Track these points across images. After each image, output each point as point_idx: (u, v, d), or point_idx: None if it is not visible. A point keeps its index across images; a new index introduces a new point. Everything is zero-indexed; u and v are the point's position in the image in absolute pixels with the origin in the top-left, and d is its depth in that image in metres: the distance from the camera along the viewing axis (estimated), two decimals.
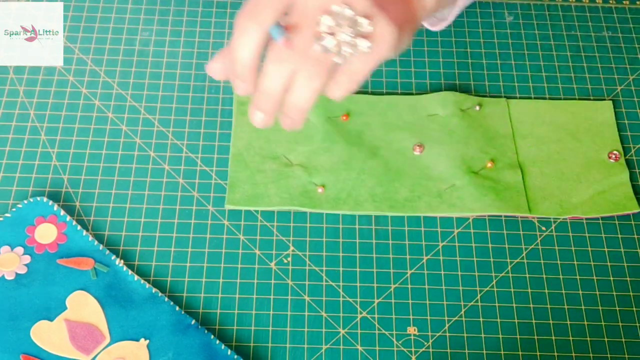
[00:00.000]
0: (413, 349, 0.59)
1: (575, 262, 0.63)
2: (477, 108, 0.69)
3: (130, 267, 0.61)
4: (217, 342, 0.57)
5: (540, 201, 0.65)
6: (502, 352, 0.59)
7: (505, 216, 0.64)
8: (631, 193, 0.65)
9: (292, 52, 0.52)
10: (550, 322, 0.60)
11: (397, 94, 0.71)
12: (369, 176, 0.65)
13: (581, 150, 0.68)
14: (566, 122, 0.69)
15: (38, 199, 0.62)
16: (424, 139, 0.67)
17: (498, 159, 0.67)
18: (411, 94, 0.71)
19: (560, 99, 0.72)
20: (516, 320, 0.60)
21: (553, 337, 0.59)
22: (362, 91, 0.71)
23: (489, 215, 0.64)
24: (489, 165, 0.66)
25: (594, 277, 0.62)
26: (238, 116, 0.68)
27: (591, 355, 0.59)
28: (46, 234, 0.61)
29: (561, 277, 0.62)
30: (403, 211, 0.64)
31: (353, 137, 0.68)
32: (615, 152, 0.67)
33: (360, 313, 0.60)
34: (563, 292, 0.61)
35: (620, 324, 0.60)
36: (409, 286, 0.61)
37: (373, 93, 0.72)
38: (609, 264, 0.63)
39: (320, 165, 0.66)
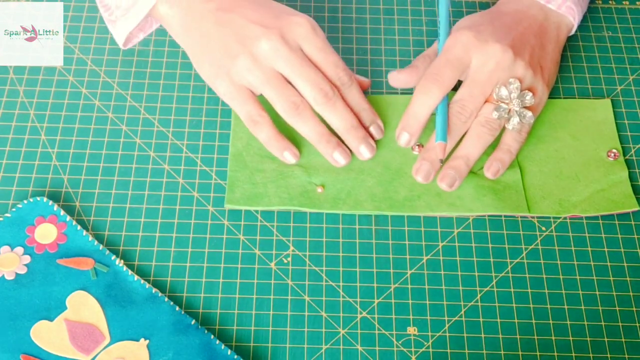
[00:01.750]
0: (413, 349, 0.59)
1: (575, 262, 0.63)
2: None
3: (130, 267, 0.61)
4: (217, 342, 0.57)
5: (539, 200, 0.65)
6: (502, 352, 0.59)
7: (505, 216, 0.64)
8: (630, 191, 0.65)
9: (469, 116, 0.62)
10: (550, 322, 0.60)
11: (397, 94, 0.71)
12: (368, 176, 0.65)
13: (580, 149, 0.68)
14: (565, 121, 0.69)
15: (38, 199, 0.62)
16: (423, 139, 0.67)
17: None
18: (411, 94, 0.71)
19: (560, 99, 0.72)
20: (516, 320, 0.60)
21: (553, 337, 0.59)
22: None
23: (488, 215, 0.64)
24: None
25: (594, 277, 0.62)
26: (237, 116, 0.68)
27: (591, 355, 0.59)
28: (46, 234, 0.61)
29: (561, 277, 0.62)
30: (402, 210, 0.64)
31: None
32: (614, 150, 0.67)
33: (360, 313, 0.60)
34: (563, 292, 0.61)
35: (620, 324, 0.60)
36: (409, 286, 0.61)
37: (372, 93, 0.72)
38: (609, 264, 0.63)
39: (320, 165, 0.66)
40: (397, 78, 0.68)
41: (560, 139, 0.68)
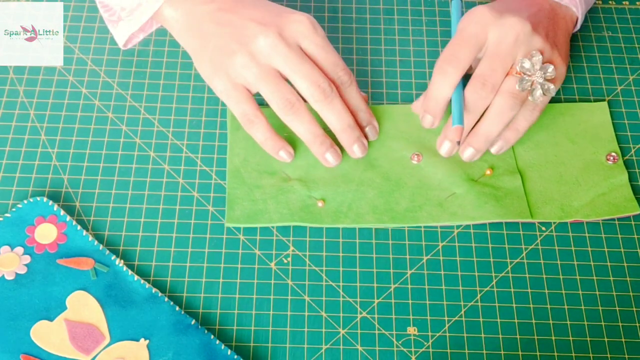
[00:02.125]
0: (413, 349, 0.59)
1: (575, 262, 0.63)
2: None
3: (130, 267, 0.61)
4: (217, 342, 0.57)
5: (541, 205, 0.64)
6: (502, 352, 0.59)
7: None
8: (631, 194, 0.65)
9: (490, 90, 0.61)
10: (550, 322, 0.60)
11: (397, 104, 0.71)
12: (368, 187, 0.65)
13: (579, 153, 0.67)
14: (563, 125, 0.69)
15: (38, 199, 0.62)
16: (421, 148, 0.67)
17: (497, 165, 0.66)
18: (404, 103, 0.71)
19: (560, 99, 0.72)
20: (516, 320, 0.60)
21: (553, 337, 0.59)
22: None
23: (491, 222, 0.64)
24: (488, 172, 0.65)
25: (594, 277, 0.62)
26: (233, 131, 0.67)
27: (591, 355, 0.59)
28: (46, 234, 0.61)
29: (561, 277, 0.62)
30: (404, 222, 0.63)
31: None
32: (613, 153, 0.67)
33: (360, 313, 0.60)
34: (563, 292, 0.61)
35: (620, 324, 0.60)
36: (409, 286, 0.61)
37: (372, 93, 0.72)
38: (609, 264, 0.63)
39: (319, 178, 0.65)
40: (417, 105, 0.68)
41: (559, 143, 0.68)
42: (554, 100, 0.71)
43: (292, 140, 0.66)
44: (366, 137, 0.66)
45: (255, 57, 0.61)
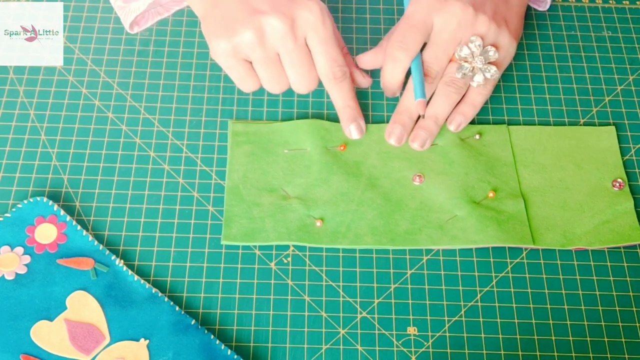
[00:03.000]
0: (413, 349, 0.59)
1: (575, 262, 0.63)
2: (477, 137, 0.68)
3: (130, 267, 0.61)
4: (217, 342, 0.57)
5: (544, 232, 0.63)
6: (502, 352, 0.59)
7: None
8: (636, 223, 0.64)
9: (434, 77, 0.63)
10: (550, 322, 0.60)
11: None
12: (368, 208, 0.64)
13: (584, 178, 0.66)
14: (569, 149, 0.68)
15: (38, 199, 0.62)
16: (424, 169, 0.66)
17: (500, 188, 0.65)
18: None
19: (560, 99, 0.72)
20: (516, 320, 0.60)
21: (553, 337, 0.60)
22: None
23: (488, 247, 0.63)
24: (491, 195, 0.64)
25: (594, 277, 0.62)
26: (234, 147, 0.67)
27: (591, 355, 0.59)
28: (46, 234, 0.61)
29: (561, 277, 0.62)
30: (404, 244, 0.62)
31: (351, 168, 0.66)
32: (619, 180, 0.66)
33: (360, 313, 0.60)
34: (563, 292, 0.61)
35: (620, 324, 0.60)
36: (409, 286, 0.61)
37: (372, 92, 0.72)
38: (609, 264, 0.63)
39: (318, 197, 0.64)
40: (364, 60, 0.68)
41: (564, 168, 0.67)
42: (559, 123, 0.70)
43: (298, 160, 0.66)
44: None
45: (262, 39, 0.61)
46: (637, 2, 0.79)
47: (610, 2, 0.79)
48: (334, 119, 0.70)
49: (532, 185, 0.66)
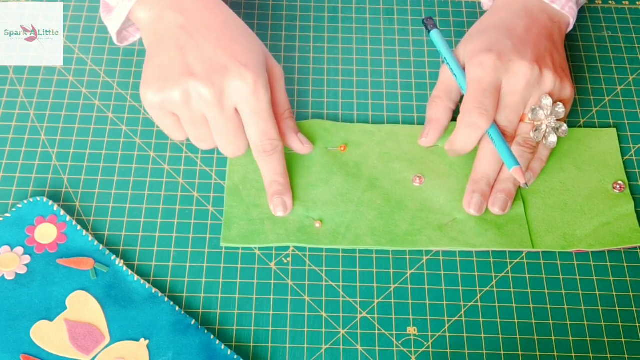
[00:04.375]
0: (413, 349, 0.59)
1: (575, 262, 0.63)
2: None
3: (130, 267, 0.61)
4: (217, 342, 0.57)
5: (543, 234, 0.63)
6: (502, 352, 0.59)
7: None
8: (636, 225, 0.63)
9: (509, 140, 0.63)
10: (550, 322, 0.60)
11: (402, 125, 0.69)
12: (368, 208, 0.64)
13: (585, 180, 0.66)
14: (569, 151, 0.68)
15: (38, 199, 0.62)
16: (424, 170, 0.66)
17: None
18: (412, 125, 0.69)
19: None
20: (516, 320, 0.60)
21: (553, 337, 0.60)
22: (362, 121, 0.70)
23: (488, 250, 0.63)
24: None
25: (594, 277, 0.62)
26: None
27: (591, 355, 0.59)
28: (46, 234, 0.61)
29: (561, 277, 0.62)
30: (403, 245, 0.62)
31: (351, 168, 0.66)
32: (620, 182, 0.65)
33: (360, 313, 0.60)
34: (563, 292, 0.61)
35: (620, 324, 0.60)
36: (409, 286, 0.61)
37: (373, 98, 0.72)
38: (609, 264, 0.63)
39: (318, 198, 0.64)
40: (427, 141, 0.66)
41: (565, 169, 0.67)
42: None
43: (298, 160, 0.66)
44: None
45: (188, 102, 0.59)
46: (637, 2, 0.79)
47: (610, 2, 0.79)
48: (335, 119, 0.70)
49: (533, 187, 0.65)
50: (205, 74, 0.59)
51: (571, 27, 0.70)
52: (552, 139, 0.63)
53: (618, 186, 0.65)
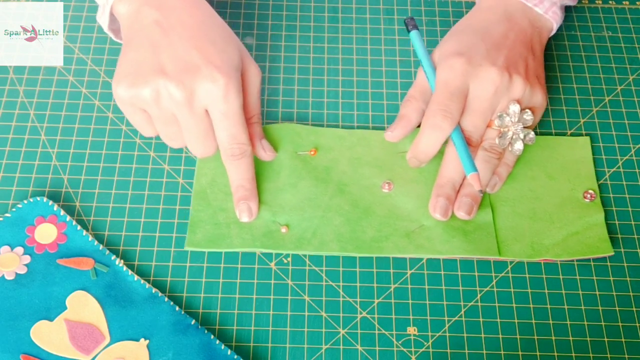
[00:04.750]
0: (413, 349, 0.59)
1: (575, 262, 0.63)
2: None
3: (130, 267, 0.61)
4: (217, 342, 0.57)
5: (511, 243, 0.62)
6: (502, 352, 0.59)
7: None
8: (605, 235, 0.63)
9: (475, 146, 0.63)
10: (550, 322, 0.60)
11: (367, 128, 0.69)
12: (335, 214, 0.63)
13: (555, 189, 0.65)
14: (541, 159, 0.67)
15: (38, 199, 0.62)
16: (393, 177, 0.65)
17: None
18: (383, 128, 0.69)
19: (560, 99, 0.72)
20: (516, 320, 0.60)
21: (553, 337, 0.59)
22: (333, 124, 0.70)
23: (459, 258, 0.63)
24: None
25: (594, 277, 0.62)
26: None
27: (591, 355, 0.59)
28: (46, 234, 0.61)
29: (561, 277, 0.62)
30: (369, 252, 0.62)
31: (320, 173, 0.65)
32: (590, 191, 0.65)
33: (360, 313, 0.60)
34: (563, 292, 0.61)
35: (620, 324, 0.60)
36: (409, 286, 0.61)
37: (373, 99, 0.72)
38: (609, 264, 0.63)
39: (285, 202, 0.63)
40: (393, 136, 0.65)
41: (536, 177, 0.66)
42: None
43: (267, 164, 0.65)
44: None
45: (158, 100, 0.59)
46: (637, 2, 0.79)
47: (610, 2, 0.79)
48: (335, 119, 0.70)
49: (502, 195, 0.65)
50: (176, 74, 0.58)
51: (554, 31, 0.70)
52: (518, 146, 0.63)
53: (589, 195, 0.65)
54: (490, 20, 0.67)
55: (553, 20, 0.68)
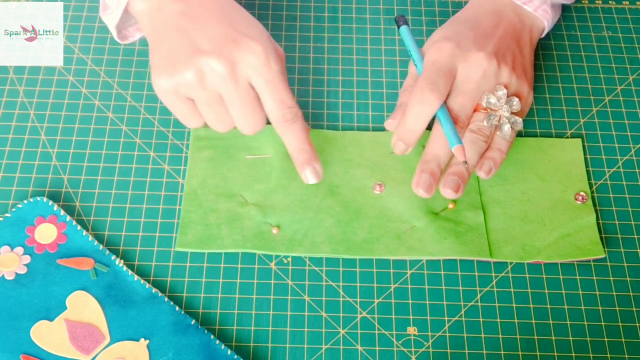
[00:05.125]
0: (413, 349, 0.59)
1: (575, 262, 0.63)
2: None
3: (130, 267, 0.61)
4: (217, 342, 0.57)
5: (502, 244, 0.62)
6: (502, 352, 0.59)
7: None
8: (597, 237, 0.63)
9: (462, 126, 0.62)
10: (550, 322, 0.60)
11: (367, 128, 0.69)
12: (326, 216, 0.63)
13: (547, 191, 0.65)
14: (532, 161, 0.67)
15: (38, 199, 0.62)
16: (385, 178, 0.65)
17: (460, 199, 0.64)
18: (383, 129, 0.69)
19: (560, 99, 0.72)
20: (516, 320, 0.60)
21: (553, 337, 0.60)
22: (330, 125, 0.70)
23: (445, 259, 0.62)
24: (451, 206, 0.64)
25: (594, 277, 0.62)
26: (194, 152, 0.66)
27: (591, 355, 0.59)
28: (46, 234, 0.61)
29: (561, 277, 0.62)
30: (360, 254, 0.61)
31: None
32: (582, 193, 0.65)
33: (360, 313, 0.60)
34: (563, 292, 0.61)
35: (620, 324, 0.60)
36: (409, 286, 0.61)
37: (373, 97, 0.72)
38: (609, 264, 0.63)
39: (277, 204, 0.63)
40: (394, 124, 0.64)
41: (527, 180, 0.66)
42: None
43: (259, 165, 0.66)
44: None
45: (202, 80, 0.59)
46: (637, 2, 0.79)
47: (610, 2, 0.79)
48: (335, 119, 0.70)
49: (494, 197, 0.65)
50: (215, 49, 0.59)
51: (546, 31, 0.70)
52: (506, 128, 0.62)
53: (580, 197, 0.65)
54: (479, 13, 0.68)
55: (543, 18, 0.68)
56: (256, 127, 0.61)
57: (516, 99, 0.63)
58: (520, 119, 0.63)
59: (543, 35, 0.71)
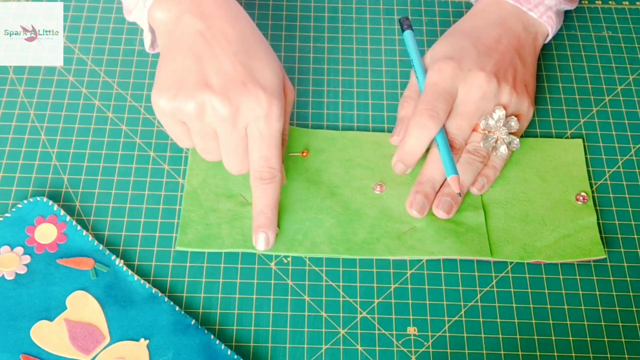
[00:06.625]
0: (413, 349, 0.59)
1: (575, 262, 0.63)
2: None
3: (130, 267, 0.61)
4: (217, 342, 0.57)
5: (503, 244, 0.62)
6: (502, 352, 0.59)
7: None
8: (597, 238, 0.63)
9: (459, 148, 0.63)
10: (550, 322, 0.60)
11: (367, 128, 0.69)
12: (327, 216, 0.63)
13: (548, 191, 0.65)
14: (534, 161, 0.67)
15: (38, 199, 0.62)
16: (385, 178, 0.65)
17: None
18: (383, 129, 0.69)
19: (561, 98, 0.72)
20: (516, 320, 0.60)
21: (553, 337, 0.60)
22: (330, 125, 0.70)
23: (446, 258, 0.62)
24: None
25: (594, 277, 0.62)
26: (195, 152, 0.66)
27: (591, 355, 0.59)
28: (46, 234, 0.61)
29: (561, 277, 0.62)
30: (361, 254, 0.62)
31: (312, 175, 0.65)
32: (583, 193, 0.65)
33: (360, 313, 0.60)
34: (563, 292, 0.61)
35: (620, 324, 0.60)
36: (409, 286, 0.61)
37: (373, 98, 0.72)
38: (609, 264, 0.63)
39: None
40: (396, 140, 0.66)
41: (528, 180, 0.66)
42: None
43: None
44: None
45: (202, 115, 0.58)
46: (637, 3, 0.79)
47: (610, 2, 0.79)
48: (335, 119, 0.70)
49: (495, 197, 0.65)
50: (222, 89, 0.58)
51: (550, 37, 0.70)
52: (503, 149, 0.64)
53: (581, 197, 0.65)
54: (483, 24, 0.67)
55: (548, 25, 0.68)
56: (242, 170, 0.61)
57: (515, 119, 0.64)
58: (518, 140, 0.64)
59: (546, 42, 0.71)
